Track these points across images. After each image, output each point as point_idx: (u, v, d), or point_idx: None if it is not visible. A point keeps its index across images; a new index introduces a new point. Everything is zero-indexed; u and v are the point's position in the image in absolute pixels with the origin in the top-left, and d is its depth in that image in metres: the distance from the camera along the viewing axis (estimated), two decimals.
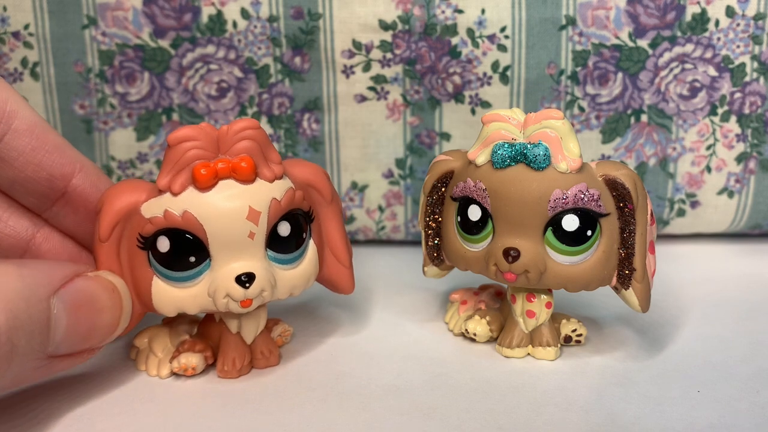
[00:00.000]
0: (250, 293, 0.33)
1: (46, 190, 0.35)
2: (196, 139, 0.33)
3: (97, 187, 0.36)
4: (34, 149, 0.34)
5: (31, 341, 0.29)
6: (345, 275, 0.37)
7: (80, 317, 0.31)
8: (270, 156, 0.34)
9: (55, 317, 0.30)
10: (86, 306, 0.31)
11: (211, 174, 0.32)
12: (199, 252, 0.33)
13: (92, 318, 0.32)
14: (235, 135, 0.33)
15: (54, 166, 0.35)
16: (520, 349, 0.37)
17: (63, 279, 0.31)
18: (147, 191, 0.33)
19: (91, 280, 0.32)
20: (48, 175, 0.35)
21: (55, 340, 0.30)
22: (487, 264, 0.36)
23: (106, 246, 0.34)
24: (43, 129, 0.35)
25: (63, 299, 0.30)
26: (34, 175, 0.35)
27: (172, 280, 0.33)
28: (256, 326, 0.36)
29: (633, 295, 0.35)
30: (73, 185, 0.36)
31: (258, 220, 0.33)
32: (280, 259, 0.34)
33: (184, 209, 0.32)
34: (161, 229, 0.33)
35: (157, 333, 0.37)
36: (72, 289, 0.31)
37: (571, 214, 0.34)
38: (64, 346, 0.31)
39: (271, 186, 0.33)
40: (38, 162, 0.35)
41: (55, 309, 0.30)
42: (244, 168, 0.33)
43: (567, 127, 0.34)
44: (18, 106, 0.34)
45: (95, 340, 0.32)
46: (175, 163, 0.33)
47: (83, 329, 0.31)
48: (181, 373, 0.36)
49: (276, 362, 0.37)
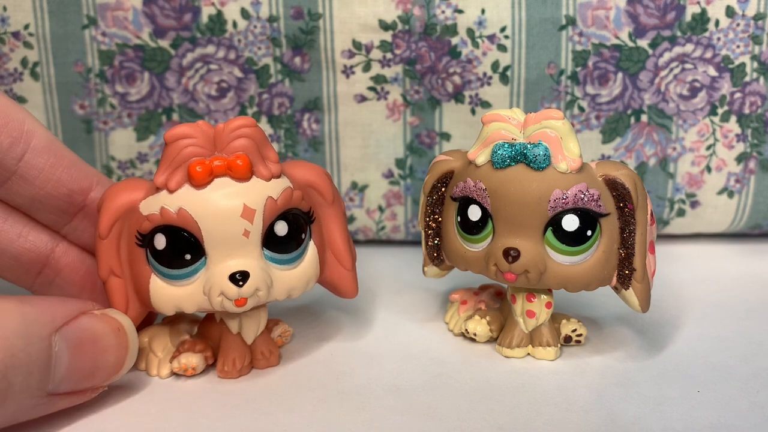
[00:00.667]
0: (244, 292, 0.33)
1: (66, 205, 0.36)
2: (192, 136, 0.33)
3: None
4: (53, 166, 0.35)
5: (29, 379, 0.29)
6: (347, 278, 0.37)
7: (83, 356, 0.31)
8: (267, 154, 0.34)
9: (56, 355, 0.30)
10: (90, 345, 0.31)
11: (206, 171, 0.32)
12: (194, 250, 0.33)
13: (96, 357, 0.32)
14: (231, 133, 0.33)
15: (72, 181, 0.36)
16: (520, 349, 0.37)
17: (67, 317, 0.31)
18: (146, 189, 0.34)
19: (96, 318, 0.32)
20: (67, 191, 0.35)
21: (55, 379, 0.30)
22: (487, 264, 0.36)
23: (105, 243, 0.34)
24: (60, 146, 0.36)
25: (65, 337, 0.30)
26: (54, 191, 0.35)
27: (169, 277, 0.33)
28: (257, 327, 0.36)
29: (633, 295, 0.35)
30: (91, 198, 0.36)
31: (253, 219, 0.33)
32: (278, 259, 0.34)
33: (180, 206, 0.32)
34: (158, 226, 0.33)
35: (158, 333, 0.37)
36: (75, 327, 0.31)
37: (571, 214, 0.34)
38: (66, 384, 0.31)
39: (268, 184, 0.33)
40: (57, 178, 0.35)
41: (57, 347, 0.30)
42: (240, 166, 0.33)
43: (567, 127, 0.34)
44: (35, 125, 0.35)
45: (98, 380, 0.32)
46: (171, 161, 0.33)
47: (86, 368, 0.31)
48: (181, 373, 0.36)
49: (276, 363, 0.37)
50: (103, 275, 0.34)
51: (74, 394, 0.31)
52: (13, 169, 0.34)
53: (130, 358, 0.33)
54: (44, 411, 0.31)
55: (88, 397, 0.32)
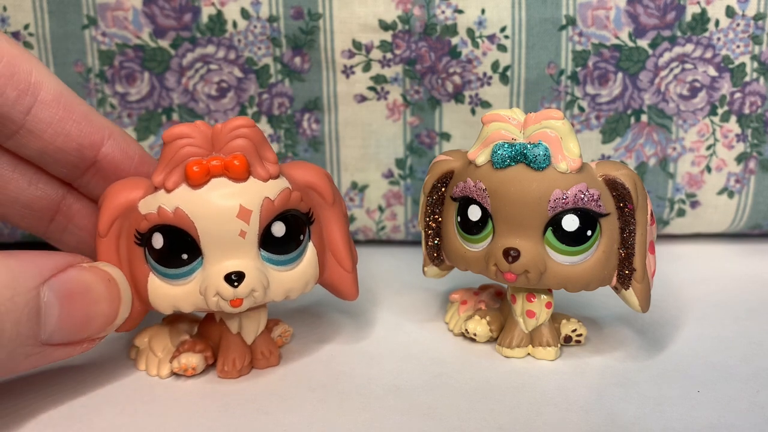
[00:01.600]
0: (240, 292, 0.33)
1: (76, 160, 0.35)
2: (190, 136, 0.33)
3: (127, 153, 0.36)
4: (61, 120, 0.34)
5: (17, 327, 0.29)
6: (348, 280, 0.37)
7: (74, 307, 0.31)
8: (265, 155, 0.34)
9: (45, 305, 0.30)
10: (80, 296, 0.31)
11: (203, 171, 0.32)
12: (191, 249, 0.33)
13: (88, 308, 0.32)
14: (229, 133, 0.33)
15: (83, 135, 0.35)
16: (520, 349, 0.37)
17: (54, 269, 0.31)
18: (145, 188, 0.34)
19: (85, 270, 0.32)
20: (77, 145, 0.35)
21: (47, 329, 0.30)
22: (487, 264, 0.36)
23: (105, 241, 0.34)
24: (70, 98, 0.34)
25: (54, 289, 0.30)
26: (63, 145, 0.34)
27: (167, 276, 0.33)
28: (257, 327, 0.36)
29: (633, 295, 0.35)
30: (103, 153, 0.35)
31: (249, 219, 0.33)
32: (275, 260, 0.34)
33: (176, 206, 0.32)
34: (155, 225, 0.33)
35: (158, 332, 0.37)
36: (64, 278, 0.31)
37: (571, 214, 0.34)
38: (58, 335, 0.31)
39: (265, 185, 0.33)
40: (67, 132, 0.34)
41: (46, 298, 0.30)
42: (237, 166, 0.32)
43: (567, 127, 0.34)
44: (43, 76, 0.34)
45: (93, 330, 0.32)
46: (169, 160, 0.33)
47: (78, 319, 0.31)
48: (181, 373, 0.36)
49: (276, 363, 0.37)
50: None
51: (69, 345, 0.32)
52: (21, 123, 0.34)
53: (124, 308, 0.33)
54: (39, 362, 0.31)
55: (84, 348, 0.32)
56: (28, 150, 0.35)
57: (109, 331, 0.33)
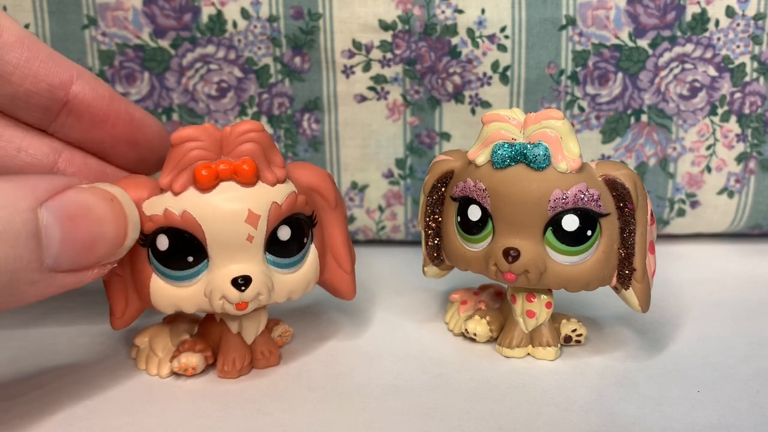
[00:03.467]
0: (246, 296, 0.33)
1: (48, 101, 0.35)
2: (199, 139, 0.32)
3: (97, 91, 0.36)
4: (28, 60, 0.34)
5: (16, 249, 0.28)
6: (346, 281, 0.37)
7: (77, 228, 0.30)
8: (273, 159, 0.34)
9: (45, 228, 0.29)
10: (82, 217, 0.30)
11: (212, 175, 0.32)
12: (197, 252, 0.33)
13: (92, 229, 0.31)
14: (238, 137, 0.33)
15: (51, 75, 0.34)
16: (520, 349, 0.37)
17: (50, 191, 0.30)
18: (150, 189, 0.33)
19: (84, 191, 0.31)
20: (47, 86, 0.34)
21: (51, 253, 0.29)
22: (487, 264, 0.36)
23: None
24: (33, 40, 0.34)
25: (52, 210, 0.30)
26: (33, 87, 0.34)
27: (170, 278, 0.33)
28: (257, 327, 0.36)
29: (633, 295, 0.35)
30: (74, 92, 0.35)
31: (257, 224, 0.33)
32: (280, 263, 0.34)
33: (184, 209, 0.32)
34: (161, 227, 0.33)
35: (158, 332, 0.37)
36: (63, 200, 0.30)
37: (571, 214, 0.34)
38: (64, 259, 0.30)
39: (273, 190, 0.33)
40: (35, 73, 0.34)
41: (45, 220, 0.29)
42: (246, 171, 0.32)
43: (567, 127, 0.34)
44: (3, 19, 0.33)
45: (101, 254, 0.31)
46: (177, 163, 0.32)
47: (83, 241, 0.30)
48: (182, 373, 0.36)
49: (276, 363, 0.37)
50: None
51: (78, 272, 0.31)
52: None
53: (132, 228, 0.32)
54: (48, 289, 0.30)
55: (95, 274, 0.32)
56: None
57: (120, 254, 0.32)
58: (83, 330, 0.41)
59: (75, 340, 0.39)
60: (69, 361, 0.37)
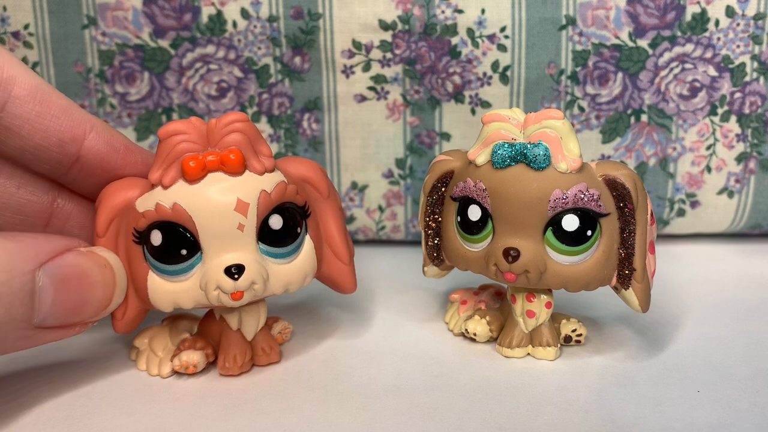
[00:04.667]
0: (240, 285, 0.33)
1: (59, 156, 0.34)
2: (185, 132, 0.33)
3: (111, 145, 0.35)
4: (39, 115, 0.33)
5: (11, 311, 0.29)
6: (345, 273, 0.37)
7: (69, 291, 0.31)
8: (260, 149, 0.34)
9: (40, 289, 0.30)
10: (76, 280, 0.31)
11: (199, 166, 0.33)
12: (190, 245, 0.33)
13: (83, 292, 0.32)
14: (224, 128, 0.33)
15: (63, 130, 0.34)
16: (520, 349, 0.37)
17: (51, 252, 0.31)
18: (141, 187, 0.34)
19: (82, 255, 0.32)
20: (58, 141, 0.34)
21: (41, 312, 0.30)
22: (487, 264, 0.36)
23: (103, 241, 0.34)
24: (46, 92, 0.34)
25: (50, 273, 0.30)
26: (43, 142, 0.34)
27: (166, 273, 0.33)
28: (257, 323, 0.36)
29: (633, 295, 0.35)
30: (86, 147, 0.35)
31: (247, 212, 0.33)
32: (273, 253, 0.34)
33: (174, 201, 0.33)
34: (153, 222, 0.33)
35: (158, 333, 0.37)
36: (60, 263, 0.31)
37: (571, 214, 0.34)
38: (52, 318, 0.31)
39: (261, 178, 0.34)
40: (45, 128, 0.33)
41: (41, 281, 0.30)
42: (233, 160, 0.33)
43: (567, 127, 0.34)
44: (16, 71, 0.33)
45: (86, 315, 0.32)
46: (165, 157, 0.33)
47: (72, 303, 0.31)
48: (183, 371, 0.36)
49: (277, 359, 0.37)
50: None
51: (62, 329, 0.32)
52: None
53: (118, 294, 0.33)
54: (32, 343, 0.31)
55: (76, 331, 0.32)
56: (8, 148, 0.34)
57: (102, 316, 0.33)
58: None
59: (75, 340, 0.39)
60: (69, 361, 0.37)
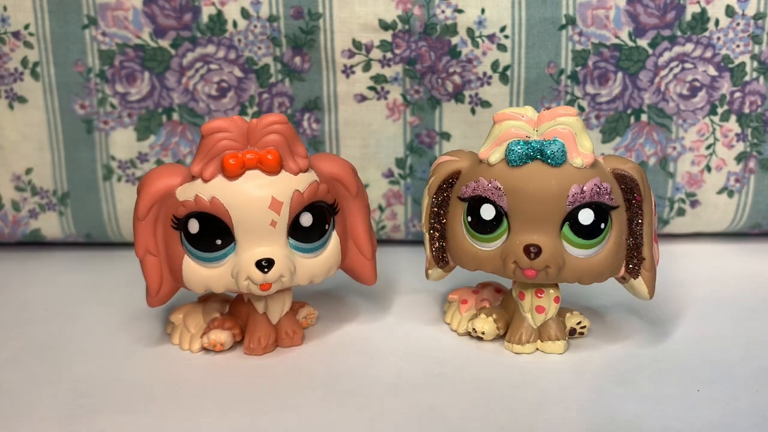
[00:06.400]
0: (269, 277, 0.35)
1: None
2: (227, 130, 0.35)
3: None
4: None
5: None
6: (367, 267, 0.39)
7: None
8: (296, 150, 0.36)
9: None
10: None
11: (239, 164, 0.35)
12: (225, 236, 0.35)
13: None
14: (264, 128, 0.35)
15: None
16: (529, 345, 0.38)
17: None
18: (182, 176, 0.36)
19: None
20: None
21: None
22: (504, 262, 0.35)
23: (143, 224, 0.36)
24: None
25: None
26: None
27: (201, 259, 0.36)
28: (281, 308, 0.38)
29: (642, 284, 0.36)
30: None
31: (280, 210, 0.35)
32: (302, 248, 0.36)
33: (213, 195, 0.35)
34: (192, 212, 0.35)
35: (192, 310, 0.40)
36: None
37: (587, 208, 0.35)
38: None
39: (295, 178, 0.35)
40: None
41: None
42: (270, 160, 0.35)
43: (580, 123, 0.35)
44: None
45: None
46: (207, 152, 0.35)
47: None
48: (210, 348, 0.37)
49: (300, 342, 0.39)
50: (139, 254, 0.36)
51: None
52: None
53: None
54: None
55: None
56: None
57: None
58: (86, 329, 0.41)
59: (75, 340, 0.39)
60: (69, 361, 0.37)
